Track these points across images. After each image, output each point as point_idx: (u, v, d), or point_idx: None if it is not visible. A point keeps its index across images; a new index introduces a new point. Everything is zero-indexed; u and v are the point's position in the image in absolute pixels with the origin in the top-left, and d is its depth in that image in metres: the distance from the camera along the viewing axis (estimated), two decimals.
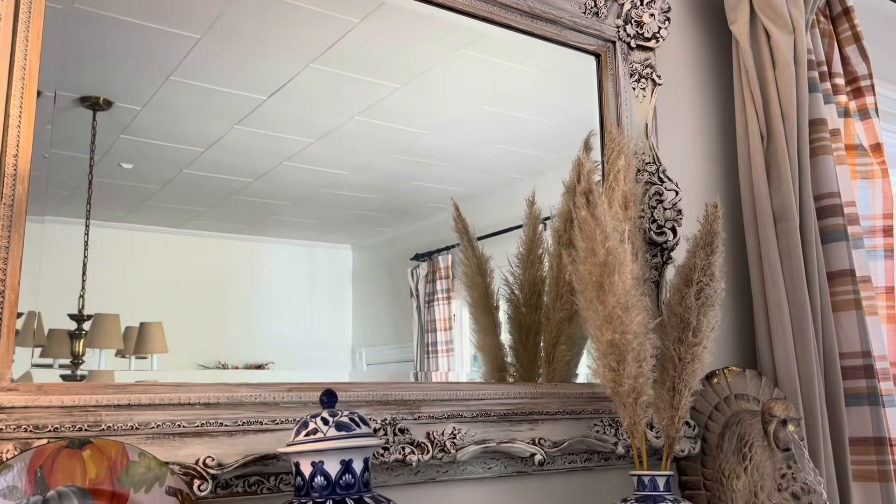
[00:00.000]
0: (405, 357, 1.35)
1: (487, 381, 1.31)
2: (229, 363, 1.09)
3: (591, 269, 1.20)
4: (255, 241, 1.17)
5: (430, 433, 1.14)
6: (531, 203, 1.51)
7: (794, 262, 1.56)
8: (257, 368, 1.11)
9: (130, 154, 1.04)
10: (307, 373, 1.13)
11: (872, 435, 1.57)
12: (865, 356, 1.60)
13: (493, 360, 1.43)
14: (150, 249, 1.06)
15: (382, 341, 1.31)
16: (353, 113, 1.26)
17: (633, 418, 1.20)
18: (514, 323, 1.46)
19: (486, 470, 1.22)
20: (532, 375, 1.42)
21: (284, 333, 1.18)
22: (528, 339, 1.47)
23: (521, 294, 1.47)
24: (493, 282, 1.47)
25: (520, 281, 1.48)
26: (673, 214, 1.49)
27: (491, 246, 1.42)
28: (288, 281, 1.19)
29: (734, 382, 1.45)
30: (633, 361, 1.18)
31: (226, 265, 1.13)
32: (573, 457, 1.32)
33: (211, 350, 1.09)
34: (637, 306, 1.20)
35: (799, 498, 1.15)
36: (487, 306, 1.45)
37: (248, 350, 1.13)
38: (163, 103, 1.06)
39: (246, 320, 1.15)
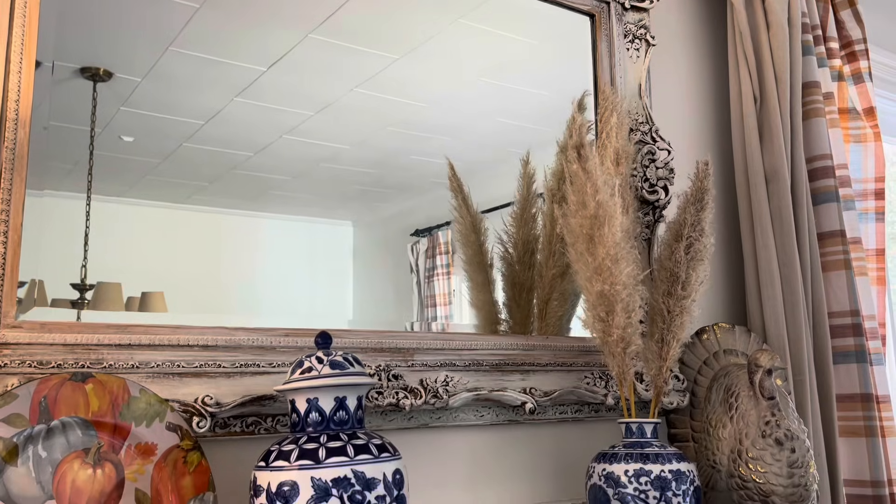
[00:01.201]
0: None
1: (481, 333, 1.34)
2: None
3: (581, 222, 1.22)
4: (257, 216, 1.18)
5: (424, 380, 1.17)
6: (525, 163, 1.53)
7: (784, 222, 1.58)
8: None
9: (131, 127, 1.04)
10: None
11: (859, 392, 1.60)
12: (854, 315, 1.62)
13: (487, 316, 1.46)
14: (154, 224, 1.06)
15: (383, 317, 1.31)
16: (352, 85, 1.27)
17: (621, 367, 1.23)
18: (507, 280, 1.48)
19: (479, 418, 1.25)
20: (525, 331, 1.44)
21: (285, 308, 1.18)
22: (521, 296, 1.49)
23: (515, 252, 1.50)
24: (488, 240, 1.49)
25: (514, 239, 1.50)
26: (665, 173, 1.51)
27: (492, 221, 1.42)
28: (289, 256, 1.20)
29: (723, 338, 1.48)
30: (621, 312, 1.21)
31: (228, 240, 1.14)
32: (564, 407, 1.35)
33: (213, 322, 1.08)
34: (626, 258, 1.22)
35: (782, 444, 1.18)
36: (481, 263, 1.48)
37: (249, 325, 1.13)
38: (163, 74, 1.07)
39: (247, 296, 1.15)
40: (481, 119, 1.49)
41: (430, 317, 1.40)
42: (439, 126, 1.44)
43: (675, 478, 1.15)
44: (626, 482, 1.15)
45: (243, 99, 1.12)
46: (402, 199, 1.41)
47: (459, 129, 1.47)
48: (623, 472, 1.16)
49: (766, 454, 1.19)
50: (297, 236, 1.22)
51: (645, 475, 1.15)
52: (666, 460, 1.16)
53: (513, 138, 1.52)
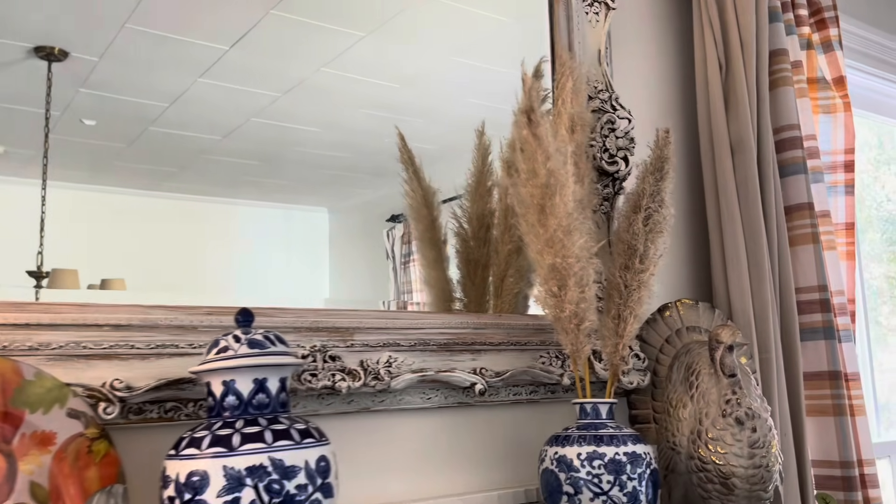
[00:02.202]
0: None
1: (428, 311, 1.27)
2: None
3: (532, 192, 1.15)
4: (230, 203, 1.14)
5: (364, 361, 1.10)
6: (480, 133, 1.45)
7: (750, 194, 1.52)
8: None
9: (92, 110, 0.99)
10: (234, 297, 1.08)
11: (827, 369, 1.55)
12: (822, 290, 1.57)
13: (440, 294, 1.39)
14: (125, 212, 1.03)
15: (359, 298, 1.28)
16: (318, 65, 1.22)
17: (575, 345, 1.16)
18: (462, 257, 1.41)
19: (425, 400, 1.18)
20: (481, 309, 1.38)
21: (260, 296, 1.13)
22: (476, 273, 1.42)
23: (470, 227, 1.43)
24: (442, 215, 1.42)
25: (468, 214, 1.43)
26: (625, 143, 1.44)
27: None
28: (263, 244, 1.17)
29: (686, 315, 1.42)
30: (574, 286, 1.14)
31: (201, 228, 1.10)
32: (518, 388, 1.29)
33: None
34: (580, 229, 1.15)
35: (742, 423, 1.12)
36: (434, 240, 1.40)
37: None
38: (120, 54, 1.01)
39: (220, 283, 1.12)
40: (455, 101, 1.43)
41: (406, 302, 1.37)
42: (411, 108, 1.38)
43: (631, 461, 1.08)
44: (578, 466, 1.09)
45: (207, 80, 1.08)
46: (376, 185, 1.37)
47: (432, 111, 1.41)
48: (576, 455, 1.10)
49: (727, 434, 1.13)
50: (271, 223, 1.19)
51: (598, 458, 1.08)
52: (621, 442, 1.10)
53: (486, 119, 1.46)
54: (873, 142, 2.59)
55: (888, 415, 2.37)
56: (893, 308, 2.64)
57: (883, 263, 2.60)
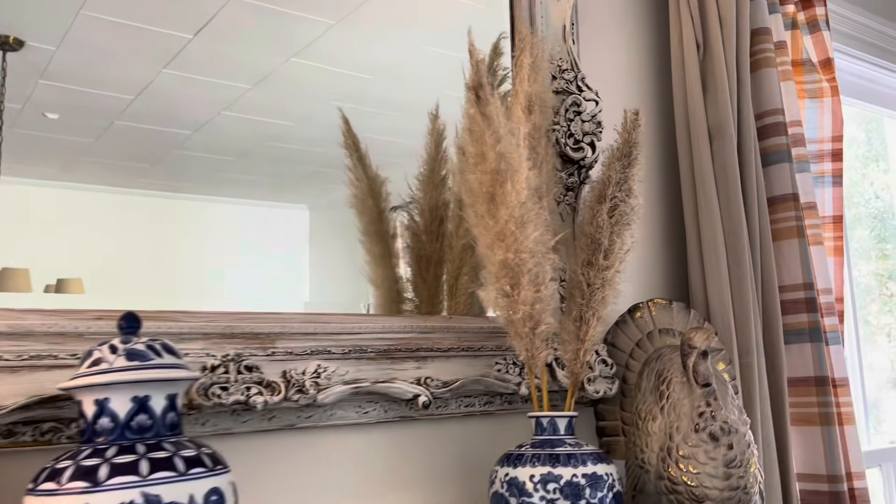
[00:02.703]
0: None
1: (366, 313, 1.13)
2: None
3: (481, 178, 1.02)
4: (207, 200, 1.09)
5: (287, 372, 0.96)
6: (434, 117, 1.32)
7: (730, 183, 1.39)
8: None
9: (54, 103, 0.95)
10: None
11: (814, 375, 1.43)
12: (808, 289, 1.44)
13: (388, 295, 1.26)
14: (94, 209, 0.98)
15: (339, 302, 1.22)
16: (288, 54, 1.15)
17: (530, 351, 1.03)
18: (413, 253, 1.28)
19: (362, 414, 1.05)
20: (434, 310, 1.24)
21: (238, 295, 1.08)
22: (428, 271, 1.29)
23: (422, 220, 1.30)
24: (389, 207, 1.28)
25: (420, 205, 1.30)
26: (592, 127, 1.31)
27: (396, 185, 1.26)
28: (241, 243, 1.11)
29: (659, 316, 1.29)
30: (528, 285, 1.01)
31: (175, 227, 1.05)
32: (471, 399, 1.15)
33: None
34: (535, 221, 1.02)
35: (717, 439, 0.99)
36: (381, 233, 1.27)
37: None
38: (78, 42, 0.96)
39: (195, 284, 1.05)
40: (431, 93, 1.32)
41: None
42: (387, 100, 1.29)
43: (591, 483, 0.95)
44: (531, 489, 0.95)
45: (172, 70, 1.03)
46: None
47: (409, 104, 1.32)
48: (528, 477, 0.96)
49: (699, 451, 1.00)
50: (249, 222, 1.13)
51: (553, 481, 0.95)
52: (580, 462, 0.97)
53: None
54: (861, 138, 2.53)
55: (877, 412, 2.30)
56: (882, 307, 2.54)
57: (872, 261, 2.52)
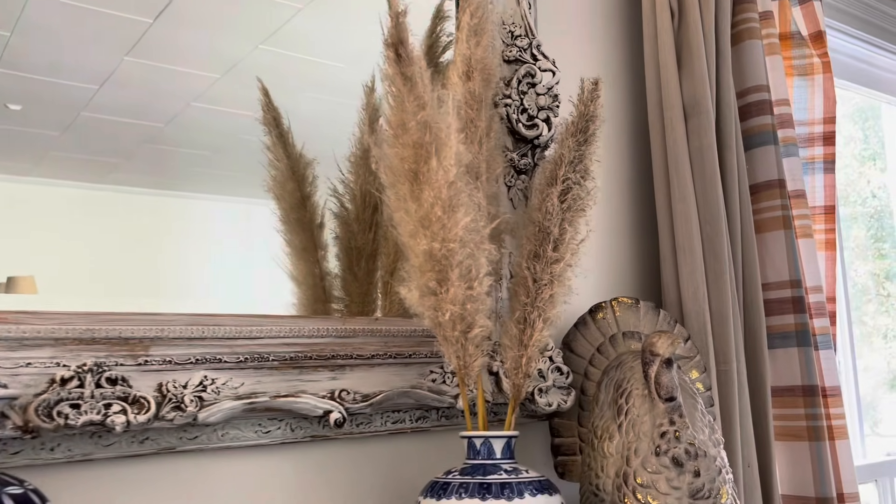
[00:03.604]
0: None
1: (268, 314, 0.96)
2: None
3: (401, 153, 0.86)
4: (183, 197, 1.03)
5: (164, 385, 0.80)
6: (370, 90, 1.17)
7: (707, 168, 1.23)
8: None
9: (14, 92, 0.89)
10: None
11: (801, 384, 1.27)
12: (795, 286, 1.28)
13: (311, 293, 1.09)
14: (68, 207, 0.93)
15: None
16: (256, 41, 1.09)
17: (462, 359, 0.87)
18: (343, 245, 1.12)
19: (262, 434, 0.88)
20: (367, 310, 1.09)
21: (217, 296, 1.00)
22: (359, 265, 1.13)
23: (353, 207, 1.14)
24: (317, 192, 1.13)
25: (352, 191, 1.14)
26: (548, 101, 1.14)
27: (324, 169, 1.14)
28: (221, 242, 1.05)
29: (624, 317, 1.13)
30: (458, 280, 0.85)
31: (149, 224, 0.99)
32: (400, 414, 0.99)
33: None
34: (466, 204, 0.86)
35: (682, 464, 0.83)
36: (303, 221, 1.11)
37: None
38: (33, 27, 0.91)
39: (174, 283, 0.98)
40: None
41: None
42: (360, 90, 1.17)
43: None
44: None
45: (135, 58, 0.98)
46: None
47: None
48: None
49: (661, 479, 0.84)
50: (229, 219, 1.07)
51: None
52: (515, 493, 0.80)
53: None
54: (858, 136, 2.42)
55: (874, 413, 2.18)
56: (879, 307, 2.40)
57: (868, 261, 2.41)
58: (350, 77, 1.17)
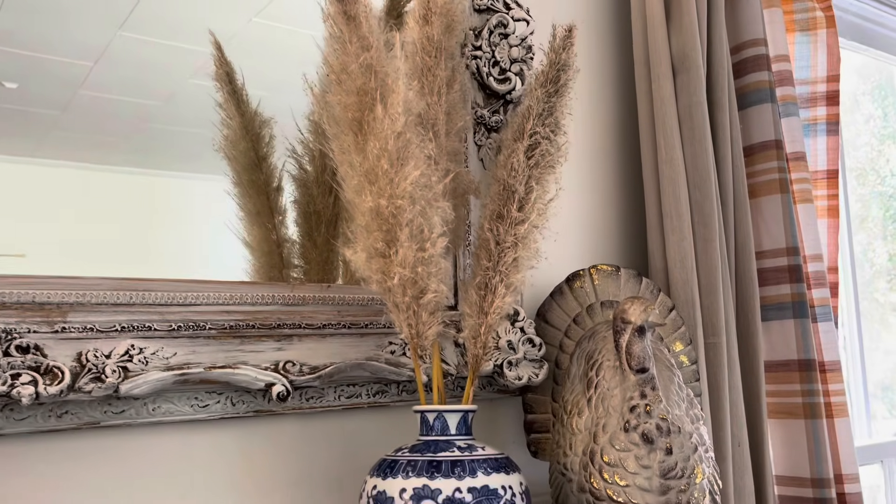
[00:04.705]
0: None
1: (205, 280, 0.89)
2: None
3: (344, 100, 0.78)
4: (186, 178, 1.01)
5: (83, 354, 0.73)
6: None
7: (696, 127, 1.15)
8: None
9: (9, 70, 0.87)
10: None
11: (797, 358, 1.18)
12: (791, 254, 1.20)
13: (267, 260, 1.02)
14: (71, 187, 0.90)
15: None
16: (250, 14, 1.07)
17: (414, 327, 0.80)
18: (301, 209, 1.05)
19: (199, 408, 0.81)
20: (327, 279, 1.02)
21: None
22: (319, 231, 1.06)
23: (313, 169, 1.07)
24: (274, 153, 1.06)
25: (311, 151, 1.07)
26: (521, 53, 1.06)
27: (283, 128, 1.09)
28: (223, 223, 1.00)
29: (603, 286, 1.05)
30: (409, 240, 0.78)
31: (151, 206, 0.95)
32: (355, 388, 0.92)
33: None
34: (417, 157, 0.79)
35: (652, 441, 0.75)
36: (258, 184, 1.04)
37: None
38: (23, 1, 0.88)
39: (173, 263, 0.94)
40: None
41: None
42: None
43: (479, 500, 0.72)
44: None
45: (129, 32, 0.95)
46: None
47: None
48: (398, 491, 0.73)
49: (629, 458, 0.76)
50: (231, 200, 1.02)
51: (429, 497, 0.72)
52: (468, 471, 0.73)
53: None
54: (877, 114, 2.33)
55: (893, 396, 2.10)
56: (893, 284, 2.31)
57: (887, 241, 2.33)
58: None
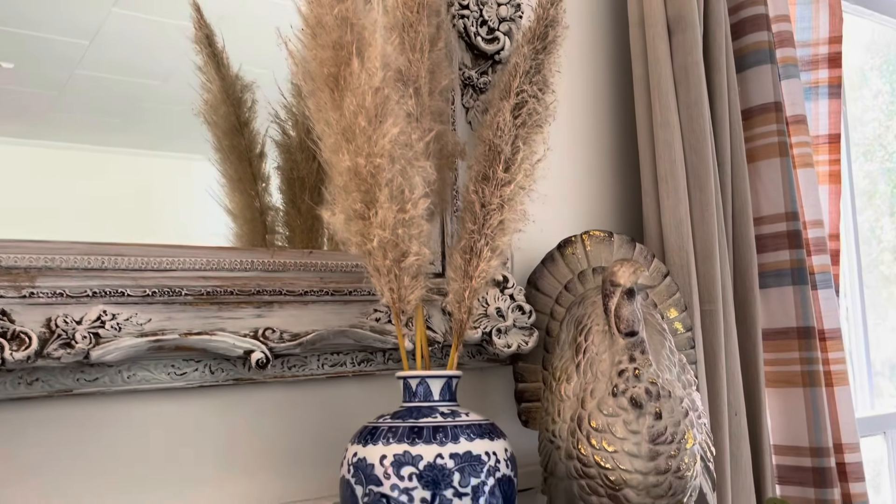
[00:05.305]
0: None
1: (181, 245, 0.86)
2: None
3: (319, 55, 0.75)
4: (188, 159, 0.99)
5: (54, 319, 0.71)
6: None
7: (692, 88, 1.11)
8: None
9: (5, 49, 0.86)
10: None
11: (796, 325, 1.16)
12: (791, 219, 1.17)
13: (250, 227, 1.00)
14: (72, 169, 0.89)
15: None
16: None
17: (396, 291, 0.77)
18: (285, 175, 1.02)
19: (177, 376, 0.79)
20: (312, 245, 1.00)
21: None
22: (303, 197, 1.03)
23: (297, 134, 1.04)
24: (256, 119, 1.03)
25: (295, 116, 1.04)
26: (510, 12, 1.03)
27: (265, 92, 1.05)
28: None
29: (595, 252, 1.02)
30: (388, 201, 0.75)
31: (152, 187, 0.94)
32: (340, 357, 0.90)
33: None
34: (395, 113, 0.76)
35: (641, 405, 0.73)
36: (239, 149, 1.01)
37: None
38: None
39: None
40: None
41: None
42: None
43: (461, 466, 0.70)
44: (380, 475, 0.70)
45: (122, 9, 0.94)
46: None
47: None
48: (378, 458, 0.71)
49: (618, 423, 0.74)
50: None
51: (410, 464, 0.70)
52: (449, 437, 0.71)
53: None
54: (885, 89, 2.30)
55: None
56: None
57: (895, 218, 2.30)
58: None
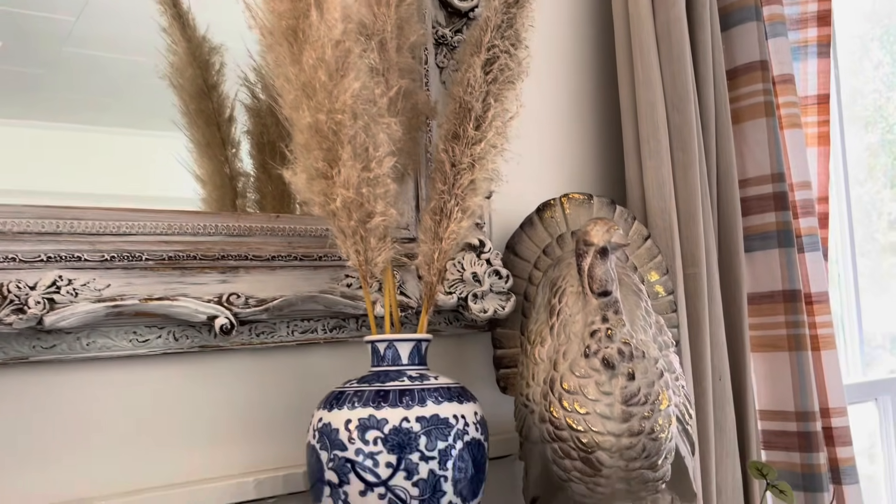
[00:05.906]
0: None
1: (141, 208, 0.84)
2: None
3: (277, 6, 0.72)
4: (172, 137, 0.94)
5: (6, 284, 0.69)
6: None
7: (675, 45, 1.08)
8: None
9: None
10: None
11: (782, 288, 1.13)
12: (777, 181, 1.14)
13: (219, 194, 0.97)
14: (63, 150, 0.86)
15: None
16: None
17: (362, 254, 0.75)
18: (255, 140, 1.00)
19: (139, 343, 0.77)
20: (284, 211, 0.97)
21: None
22: (273, 162, 1.01)
23: (267, 97, 1.01)
24: (225, 83, 1.00)
25: (264, 79, 1.01)
26: None
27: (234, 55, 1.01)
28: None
29: (574, 215, 1.00)
30: (352, 159, 0.73)
31: (148, 168, 0.92)
32: (311, 323, 0.88)
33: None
34: (357, 67, 0.73)
35: (613, 366, 0.71)
36: (206, 113, 0.98)
37: None
38: None
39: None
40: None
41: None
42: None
43: (428, 430, 0.68)
44: (345, 440, 0.68)
45: None
46: None
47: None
48: (343, 423, 0.69)
49: (590, 384, 0.72)
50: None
51: (375, 427, 0.68)
52: (416, 401, 0.69)
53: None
54: (886, 60, 2.28)
55: None
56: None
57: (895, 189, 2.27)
58: None
